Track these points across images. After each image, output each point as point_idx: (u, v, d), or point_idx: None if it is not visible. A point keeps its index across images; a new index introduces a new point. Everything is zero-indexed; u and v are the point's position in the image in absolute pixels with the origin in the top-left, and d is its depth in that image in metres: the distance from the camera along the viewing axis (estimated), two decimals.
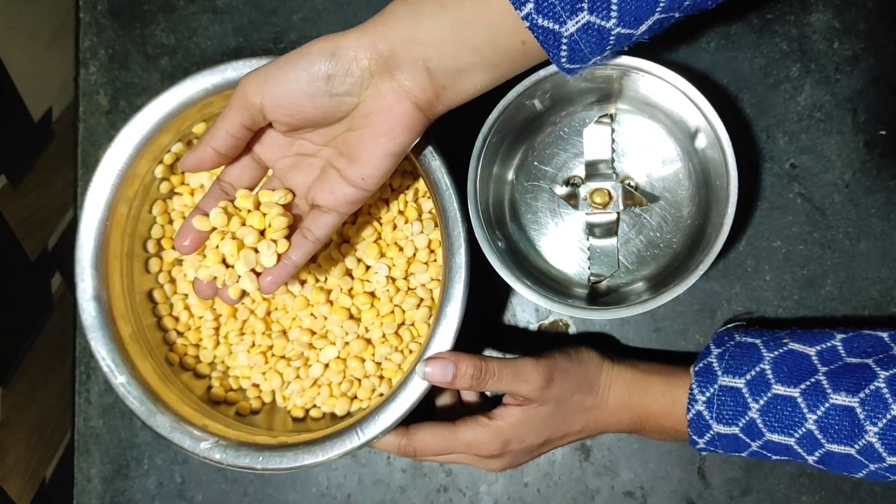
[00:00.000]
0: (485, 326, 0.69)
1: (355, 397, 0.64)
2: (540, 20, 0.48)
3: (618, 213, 0.61)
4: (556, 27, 0.48)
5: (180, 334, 0.65)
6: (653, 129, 0.61)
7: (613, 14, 0.48)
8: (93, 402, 0.72)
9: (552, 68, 0.55)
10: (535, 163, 0.62)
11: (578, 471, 0.68)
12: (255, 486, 0.71)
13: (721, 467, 0.67)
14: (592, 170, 0.61)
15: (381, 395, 0.63)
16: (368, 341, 0.64)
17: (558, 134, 0.62)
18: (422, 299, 0.63)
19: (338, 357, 0.64)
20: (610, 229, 0.61)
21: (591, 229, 0.61)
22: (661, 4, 0.48)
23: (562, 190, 0.62)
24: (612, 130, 0.61)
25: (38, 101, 0.67)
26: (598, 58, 0.51)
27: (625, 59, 0.55)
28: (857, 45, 0.66)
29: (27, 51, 0.66)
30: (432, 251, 0.63)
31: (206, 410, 0.62)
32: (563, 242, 0.63)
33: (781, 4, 0.67)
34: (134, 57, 0.72)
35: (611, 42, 0.50)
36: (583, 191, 0.60)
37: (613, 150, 0.61)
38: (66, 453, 0.72)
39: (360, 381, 0.64)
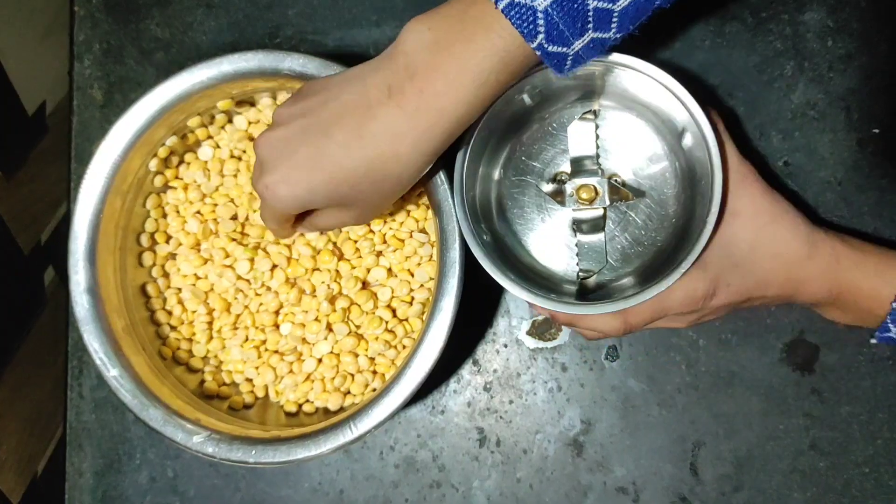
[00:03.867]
0: (480, 323, 0.69)
1: (348, 392, 0.64)
2: (550, 47, 0.48)
3: (604, 208, 0.61)
4: (564, 49, 0.49)
5: (173, 328, 0.65)
6: (639, 127, 0.61)
7: (614, 25, 0.49)
8: (85, 397, 0.72)
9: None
10: (523, 158, 0.62)
11: (571, 466, 0.68)
12: (248, 481, 0.71)
13: (713, 463, 0.67)
14: (578, 166, 0.61)
15: (374, 390, 0.63)
16: (361, 336, 0.64)
17: (546, 130, 0.62)
18: (414, 296, 0.63)
19: (331, 352, 0.64)
20: (597, 225, 0.61)
21: (578, 225, 0.61)
22: (656, 4, 0.49)
23: (548, 187, 0.61)
24: (597, 126, 0.61)
25: (32, 95, 0.67)
26: (596, 59, 0.52)
27: (611, 56, 0.55)
28: (851, 44, 0.67)
29: (21, 44, 0.66)
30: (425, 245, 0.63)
31: (199, 404, 0.61)
32: (550, 239, 0.63)
33: (776, 3, 0.67)
34: (129, 51, 0.72)
35: (608, 46, 0.51)
36: (569, 187, 0.60)
37: (598, 147, 0.61)
38: (58, 447, 0.71)
39: (353, 376, 0.64)
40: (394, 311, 0.63)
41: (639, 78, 0.56)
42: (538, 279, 0.61)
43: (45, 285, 0.70)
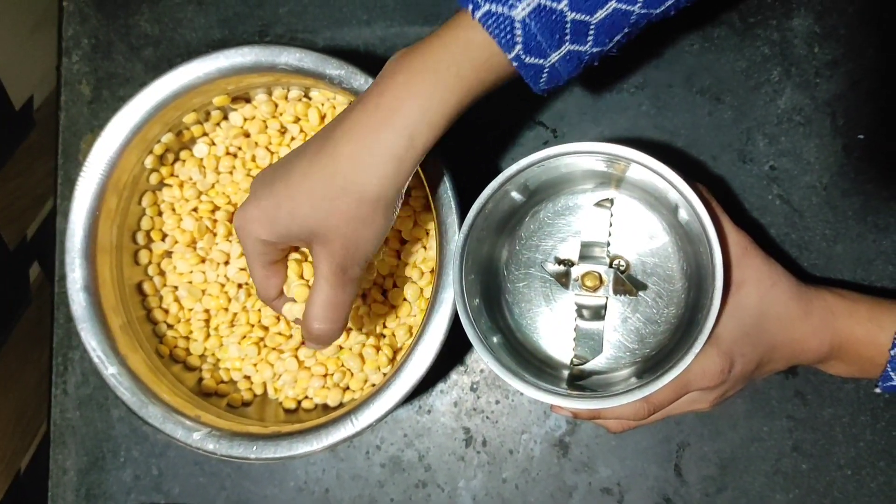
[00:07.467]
0: None
1: (347, 388, 0.64)
2: (527, 58, 0.48)
3: (607, 297, 0.60)
4: (541, 61, 0.48)
5: (170, 326, 0.64)
6: (637, 207, 0.60)
7: (590, 38, 0.48)
8: (69, 394, 0.71)
9: (525, 162, 0.55)
10: (524, 252, 0.60)
11: (556, 467, 0.69)
12: (233, 479, 0.70)
13: (697, 465, 0.68)
14: (587, 251, 0.60)
15: (374, 385, 0.63)
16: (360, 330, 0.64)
17: (542, 220, 0.60)
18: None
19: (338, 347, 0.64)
20: (598, 313, 0.60)
21: (579, 311, 0.60)
22: (632, 20, 0.49)
23: (553, 268, 0.61)
24: (611, 215, 0.60)
25: (20, 89, 0.67)
26: (573, 76, 0.51)
27: (603, 147, 0.55)
28: (837, 50, 0.67)
29: (9, 38, 0.65)
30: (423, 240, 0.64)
31: (198, 402, 0.61)
32: (560, 329, 0.61)
33: (764, 9, 0.68)
34: (117, 47, 0.72)
35: (585, 61, 0.50)
36: (574, 272, 0.59)
37: (610, 235, 0.60)
38: (42, 445, 0.71)
39: (352, 372, 0.64)
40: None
41: (634, 166, 0.55)
42: (553, 372, 0.61)
43: (30, 281, 0.69)
